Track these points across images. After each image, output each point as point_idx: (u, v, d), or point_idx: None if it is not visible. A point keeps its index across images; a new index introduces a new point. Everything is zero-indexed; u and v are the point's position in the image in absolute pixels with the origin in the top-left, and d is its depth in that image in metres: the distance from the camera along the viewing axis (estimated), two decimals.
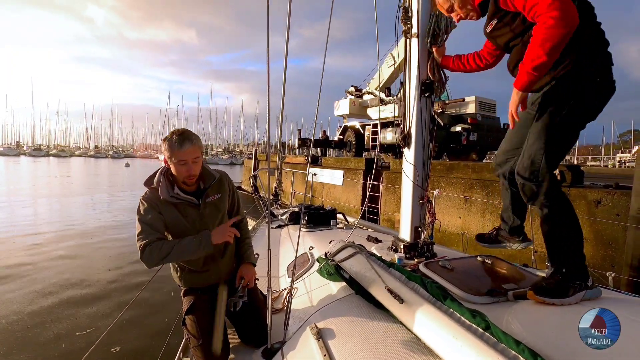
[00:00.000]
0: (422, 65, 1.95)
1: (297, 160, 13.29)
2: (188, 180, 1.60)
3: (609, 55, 1.41)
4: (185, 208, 1.63)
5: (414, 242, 2.01)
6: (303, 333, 1.49)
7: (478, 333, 0.98)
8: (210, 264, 1.71)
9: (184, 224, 1.62)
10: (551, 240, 1.44)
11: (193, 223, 1.63)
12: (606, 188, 4.76)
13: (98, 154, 74.45)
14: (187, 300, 1.71)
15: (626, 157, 37.06)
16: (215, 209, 1.70)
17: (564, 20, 1.17)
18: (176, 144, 1.53)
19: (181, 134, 1.57)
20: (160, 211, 1.58)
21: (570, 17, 1.18)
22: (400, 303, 1.24)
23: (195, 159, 1.58)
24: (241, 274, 1.77)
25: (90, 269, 6.03)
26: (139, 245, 1.50)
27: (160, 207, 1.59)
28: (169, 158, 1.57)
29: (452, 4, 1.62)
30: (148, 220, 1.54)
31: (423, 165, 2.01)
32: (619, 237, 4.36)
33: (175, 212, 1.61)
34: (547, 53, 1.22)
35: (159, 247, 1.49)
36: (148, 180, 1.65)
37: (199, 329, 1.62)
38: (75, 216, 10.66)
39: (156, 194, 1.59)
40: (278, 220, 3.75)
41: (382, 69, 13.05)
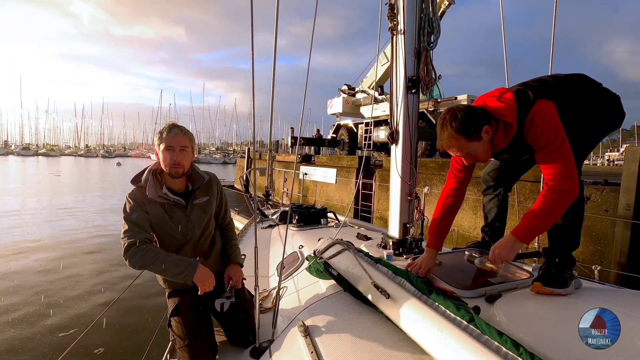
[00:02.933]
0: (408, 61, 1.95)
1: (290, 158, 13.26)
2: (173, 170, 1.57)
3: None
4: (172, 209, 1.61)
5: (403, 239, 2.01)
6: (291, 331, 1.48)
7: (462, 325, 0.99)
8: None
9: (170, 225, 1.59)
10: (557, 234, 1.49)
11: (179, 224, 1.61)
12: (595, 184, 4.83)
13: (89, 154, 73.56)
14: (171, 302, 1.68)
15: (615, 155, 37.66)
16: (202, 211, 1.68)
17: (575, 195, 1.29)
18: (165, 130, 1.59)
19: (173, 123, 1.62)
20: (146, 210, 1.56)
21: (577, 190, 1.30)
22: (386, 298, 1.24)
23: (182, 147, 1.57)
24: (229, 275, 1.74)
25: (74, 269, 5.96)
26: (123, 243, 1.48)
27: (147, 206, 1.57)
28: (158, 146, 1.59)
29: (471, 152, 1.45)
30: (134, 219, 1.52)
31: (410, 161, 2.02)
32: (607, 232, 4.43)
33: (161, 212, 1.59)
34: (557, 216, 1.32)
35: (142, 252, 1.47)
36: (135, 178, 1.62)
37: (184, 330, 1.60)
38: (62, 216, 10.51)
39: (143, 192, 1.57)
40: (269, 220, 3.74)
41: (376, 67, 13.09)
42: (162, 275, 1.58)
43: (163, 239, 1.61)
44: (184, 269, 1.50)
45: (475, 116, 1.40)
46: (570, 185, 1.27)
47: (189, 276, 1.50)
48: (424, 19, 1.96)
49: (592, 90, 1.47)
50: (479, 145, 1.41)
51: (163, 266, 1.48)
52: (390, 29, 2.01)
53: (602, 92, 1.49)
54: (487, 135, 1.40)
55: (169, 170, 1.58)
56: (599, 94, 1.48)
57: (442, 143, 1.44)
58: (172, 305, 1.66)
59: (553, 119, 1.32)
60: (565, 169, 1.28)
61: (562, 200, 1.28)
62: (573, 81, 1.49)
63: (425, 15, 1.95)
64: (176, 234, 1.60)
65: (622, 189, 4.25)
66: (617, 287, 1.68)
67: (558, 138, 1.29)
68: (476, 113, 1.41)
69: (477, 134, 1.38)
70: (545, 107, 1.34)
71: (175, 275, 1.51)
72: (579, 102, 1.43)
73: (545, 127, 1.31)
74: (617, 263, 4.18)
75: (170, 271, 1.50)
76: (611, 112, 1.48)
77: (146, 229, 1.54)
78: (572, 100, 1.43)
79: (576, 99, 1.43)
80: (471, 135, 1.38)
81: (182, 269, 1.50)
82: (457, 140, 1.40)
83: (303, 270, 2.02)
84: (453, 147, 1.43)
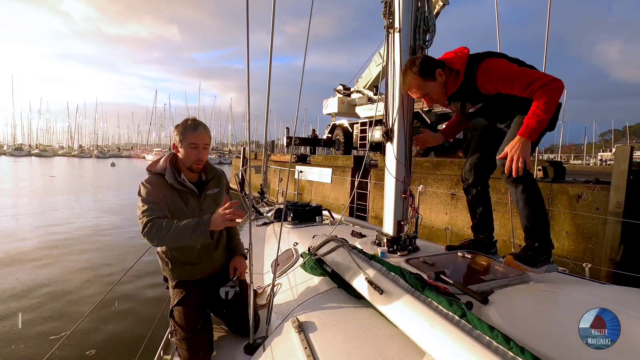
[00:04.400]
0: (403, 60, 1.96)
1: (285, 158, 13.25)
2: (195, 165, 1.66)
3: None
4: (188, 197, 1.67)
5: (397, 236, 2.02)
6: (285, 327, 1.48)
7: (454, 320, 1.00)
8: (204, 255, 1.73)
9: (185, 212, 1.63)
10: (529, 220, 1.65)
11: (193, 212, 1.66)
12: (586, 183, 4.89)
13: (82, 154, 72.77)
14: (177, 292, 1.69)
15: (607, 155, 38.10)
16: (214, 201, 1.76)
17: (561, 83, 1.49)
18: (191, 127, 1.63)
19: (195, 119, 1.68)
20: (164, 194, 1.60)
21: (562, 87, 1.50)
22: (380, 294, 1.24)
23: (205, 145, 1.65)
24: (234, 265, 1.81)
25: (66, 268, 5.92)
26: (142, 222, 1.49)
27: (164, 192, 1.60)
28: (180, 142, 1.63)
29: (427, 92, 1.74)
30: (153, 199, 1.55)
31: (405, 159, 2.02)
32: (598, 230, 4.48)
33: (178, 199, 1.64)
34: (552, 110, 1.50)
35: (158, 226, 1.45)
36: (152, 165, 1.69)
37: (186, 322, 1.62)
38: (57, 216, 10.41)
39: (161, 179, 1.62)
40: (264, 218, 3.74)
41: (371, 68, 13.11)
42: (181, 243, 1.51)
43: None
44: (198, 225, 1.45)
45: (431, 61, 1.71)
46: (553, 79, 1.47)
47: (206, 230, 1.44)
48: (419, 17, 1.96)
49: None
50: (434, 86, 1.71)
51: (178, 231, 1.45)
52: (386, 27, 2.02)
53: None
54: (441, 78, 1.70)
55: (192, 165, 1.65)
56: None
57: (404, 86, 1.77)
58: (179, 296, 1.67)
59: (505, 65, 1.59)
60: (538, 74, 1.52)
61: (554, 93, 1.47)
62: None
63: (421, 13, 1.96)
64: None
65: (612, 187, 4.31)
66: (606, 284, 1.71)
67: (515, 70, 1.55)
68: (431, 60, 1.73)
69: (432, 75, 1.68)
70: (496, 60, 1.61)
71: (193, 234, 1.45)
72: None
73: (501, 73, 1.56)
74: (608, 260, 4.24)
75: (187, 235, 1.45)
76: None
77: (163, 208, 1.56)
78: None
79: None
80: (426, 76, 1.68)
81: (196, 227, 1.45)
82: (415, 80, 1.69)
83: (297, 267, 2.03)
84: (413, 87, 1.73)
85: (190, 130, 1.62)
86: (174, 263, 1.71)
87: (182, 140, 1.63)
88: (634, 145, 6.23)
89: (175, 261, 1.71)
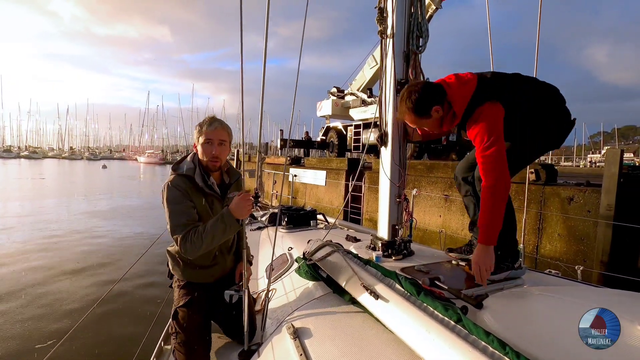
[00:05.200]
0: (397, 64, 1.97)
1: (279, 161, 13.22)
2: (211, 163, 1.63)
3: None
4: (213, 200, 1.66)
5: (392, 240, 2.02)
6: (280, 333, 1.47)
7: (450, 326, 1.00)
8: (219, 257, 1.73)
9: (210, 216, 1.61)
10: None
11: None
12: (578, 186, 4.95)
13: (73, 156, 71.82)
14: (183, 293, 1.67)
15: (596, 157, 38.73)
16: None
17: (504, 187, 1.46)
18: (206, 123, 1.62)
19: (213, 116, 1.67)
20: (191, 199, 1.58)
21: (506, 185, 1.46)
22: (375, 299, 1.24)
23: (221, 141, 1.62)
24: (241, 271, 1.78)
25: (55, 272, 5.84)
26: (176, 238, 1.49)
27: (191, 195, 1.58)
28: (198, 139, 1.62)
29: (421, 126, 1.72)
30: (183, 209, 1.53)
31: (400, 163, 2.03)
32: (590, 232, 4.54)
33: (203, 202, 1.62)
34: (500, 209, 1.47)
35: (191, 242, 1.48)
36: (177, 164, 1.66)
37: (190, 325, 1.60)
38: (47, 219, 10.24)
39: (186, 181, 1.59)
40: (258, 222, 3.72)
41: (364, 70, 13.16)
42: (217, 243, 1.56)
43: None
44: (224, 222, 1.49)
45: (428, 97, 1.61)
46: (498, 181, 1.44)
47: (233, 220, 1.49)
48: (413, 22, 1.98)
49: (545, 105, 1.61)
50: (429, 122, 1.66)
51: (213, 238, 1.49)
52: (380, 33, 2.03)
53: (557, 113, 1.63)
54: (437, 114, 1.63)
55: (208, 164, 1.63)
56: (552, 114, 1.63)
57: (399, 114, 1.74)
58: (184, 297, 1.65)
59: (495, 122, 1.50)
60: (493, 169, 1.46)
61: (496, 197, 1.46)
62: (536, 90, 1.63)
63: (414, 19, 1.98)
64: None
65: (603, 190, 4.37)
66: (599, 287, 1.73)
67: (492, 140, 1.46)
68: (429, 94, 1.61)
69: (427, 113, 1.62)
70: (493, 110, 1.51)
71: (223, 232, 1.50)
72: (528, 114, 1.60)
73: (485, 128, 1.49)
74: (600, 262, 4.29)
75: (220, 235, 1.51)
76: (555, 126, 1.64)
77: (194, 218, 1.55)
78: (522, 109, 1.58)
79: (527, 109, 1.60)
80: (421, 114, 1.63)
81: (224, 224, 1.49)
82: (410, 115, 1.66)
83: (292, 272, 2.02)
84: (407, 120, 1.71)
85: (205, 126, 1.61)
86: (185, 264, 1.68)
87: (198, 138, 1.63)
88: (623, 148, 6.32)
89: (187, 262, 1.67)
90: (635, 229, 4.08)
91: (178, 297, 1.67)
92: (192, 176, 1.59)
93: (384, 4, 2.01)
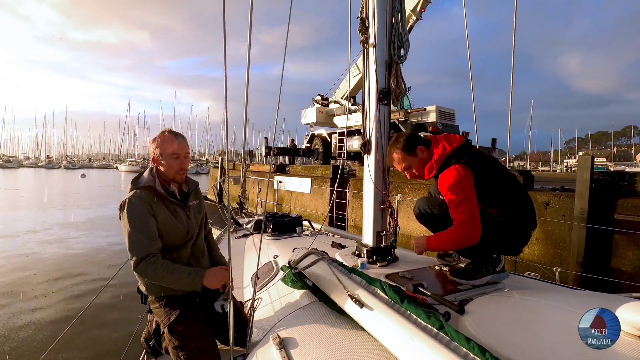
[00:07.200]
0: (379, 74, 2.01)
1: (264, 168, 13.16)
2: (178, 176, 1.67)
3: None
4: (176, 208, 1.67)
5: (377, 247, 2.04)
6: (266, 344, 1.46)
7: (432, 333, 1.01)
8: (193, 263, 1.71)
9: (175, 223, 1.63)
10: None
11: (182, 223, 1.66)
12: (554, 191, 5.14)
13: (50, 165, 69.33)
14: (168, 309, 1.60)
15: (572, 162, 40.30)
16: (197, 212, 1.79)
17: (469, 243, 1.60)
18: (170, 139, 1.65)
19: (171, 130, 1.69)
20: (153, 213, 1.57)
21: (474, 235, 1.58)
22: (360, 308, 1.25)
23: (186, 154, 1.69)
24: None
25: (28, 286, 5.59)
26: (134, 258, 1.49)
27: (153, 208, 1.59)
28: (161, 154, 1.64)
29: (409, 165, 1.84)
30: (143, 228, 1.52)
31: (383, 171, 2.06)
32: (565, 236, 4.70)
33: (166, 211, 1.63)
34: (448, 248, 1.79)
35: (154, 266, 1.50)
36: (135, 179, 1.67)
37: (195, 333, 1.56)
38: (22, 229, 9.83)
39: (148, 193, 1.60)
40: (243, 230, 3.68)
41: (348, 78, 13.32)
42: (172, 287, 1.57)
43: (167, 238, 1.61)
44: (194, 278, 1.54)
45: (415, 137, 1.85)
46: (469, 235, 1.58)
47: (199, 283, 1.54)
48: (394, 33, 2.03)
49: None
50: (415, 161, 1.81)
51: (174, 279, 1.52)
52: (362, 42, 2.07)
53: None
54: (422, 154, 1.79)
55: (175, 176, 1.66)
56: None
57: (389, 159, 1.90)
58: (173, 312, 1.59)
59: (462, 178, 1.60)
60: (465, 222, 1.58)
61: (461, 243, 1.61)
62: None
63: (395, 29, 2.03)
64: (180, 232, 1.64)
65: (576, 195, 4.55)
66: (578, 289, 1.79)
67: (461, 194, 1.58)
68: (417, 136, 1.86)
69: (413, 150, 1.79)
70: (459, 171, 1.62)
71: (186, 285, 1.54)
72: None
73: (451, 182, 1.61)
74: (575, 264, 4.44)
75: (181, 282, 1.54)
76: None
77: (155, 238, 1.55)
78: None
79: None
80: (408, 150, 1.80)
81: (191, 278, 1.54)
82: (397, 153, 1.82)
83: (278, 281, 2.01)
84: (395, 161, 1.85)
85: (169, 141, 1.65)
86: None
87: (162, 153, 1.64)
88: (596, 153, 6.60)
89: None
90: (606, 232, 4.26)
91: (165, 315, 1.60)
92: (153, 186, 1.61)
93: (365, 14, 2.05)
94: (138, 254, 1.48)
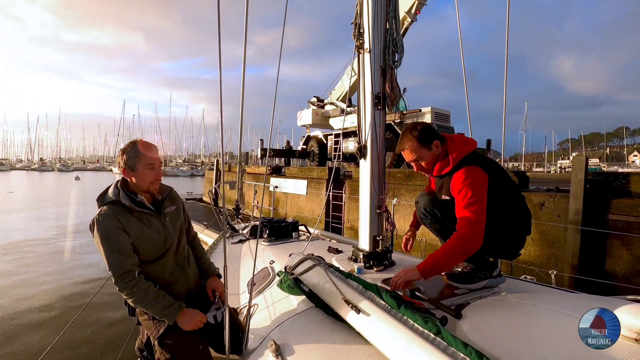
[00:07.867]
0: (374, 79, 2.02)
1: (260, 170, 13.13)
2: (152, 187, 1.62)
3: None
4: (149, 218, 1.62)
5: (373, 251, 2.04)
6: (263, 351, 1.45)
7: (430, 338, 1.01)
8: (177, 272, 1.67)
9: (150, 234, 1.58)
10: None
11: (158, 233, 1.61)
12: (548, 192, 5.17)
13: (43, 167, 68.59)
14: (157, 322, 1.57)
15: (566, 163, 40.71)
16: (174, 218, 1.73)
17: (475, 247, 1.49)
18: (143, 148, 1.59)
19: (142, 140, 1.63)
20: (123, 228, 1.52)
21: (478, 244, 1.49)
22: (357, 313, 1.25)
23: (160, 163, 1.65)
24: (212, 288, 1.77)
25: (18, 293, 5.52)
26: (114, 275, 1.48)
27: (123, 223, 1.52)
28: (134, 165, 1.57)
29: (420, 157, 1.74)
30: (115, 246, 1.48)
31: (379, 175, 2.07)
32: (560, 236, 4.73)
33: (137, 222, 1.57)
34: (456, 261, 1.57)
35: (132, 287, 1.48)
36: (101, 196, 1.59)
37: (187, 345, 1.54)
38: (15, 234, 9.72)
39: (116, 208, 1.54)
40: (239, 235, 3.66)
41: (343, 80, 13.35)
42: (146, 310, 1.55)
43: (144, 250, 1.56)
44: (169, 312, 1.52)
45: (432, 130, 1.74)
46: (473, 237, 1.48)
47: (172, 317, 1.52)
48: (388, 38, 2.04)
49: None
50: (428, 155, 1.73)
51: (147, 304, 1.50)
52: (357, 47, 2.08)
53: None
54: (436, 149, 1.72)
55: (150, 187, 1.62)
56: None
57: (400, 146, 1.78)
58: (162, 325, 1.56)
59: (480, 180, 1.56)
60: (474, 218, 1.49)
61: (465, 248, 1.49)
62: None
63: (390, 35, 2.03)
64: (157, 242, 1.59)
65: (571, 195, 4.58)
66: (574, 292, 1.80)
67: (476, 196, 1.52)
68: (433, 130, 1.75)
69: (429, 143, 1.71)
70: (481, 171, 1.58)
71: (158, 312, 1.52)
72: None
73: (469, 181, 1.54)
74: (570, 265, 4.47)
75: (155, 309, 1.51)
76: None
77: (129, 253, 1.51)
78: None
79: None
80: (423, 142, 1.71)
81: (167, 311, 1.52)
82: (412, 142, 1.72)
83: (274, 287, 2.00)
84: (407, 149, 1.74)
85: (145, 150, 1.59)
86: None
87: (136, 164, 1.56)
88: (589, 154, 6.67)
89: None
90: (602, 234, 4.29)
91: (155, 328, 1.57)
92: (119, 199, 1.54)
93: (360, 20, 2.06)
94: (115, 272, 1.47)
